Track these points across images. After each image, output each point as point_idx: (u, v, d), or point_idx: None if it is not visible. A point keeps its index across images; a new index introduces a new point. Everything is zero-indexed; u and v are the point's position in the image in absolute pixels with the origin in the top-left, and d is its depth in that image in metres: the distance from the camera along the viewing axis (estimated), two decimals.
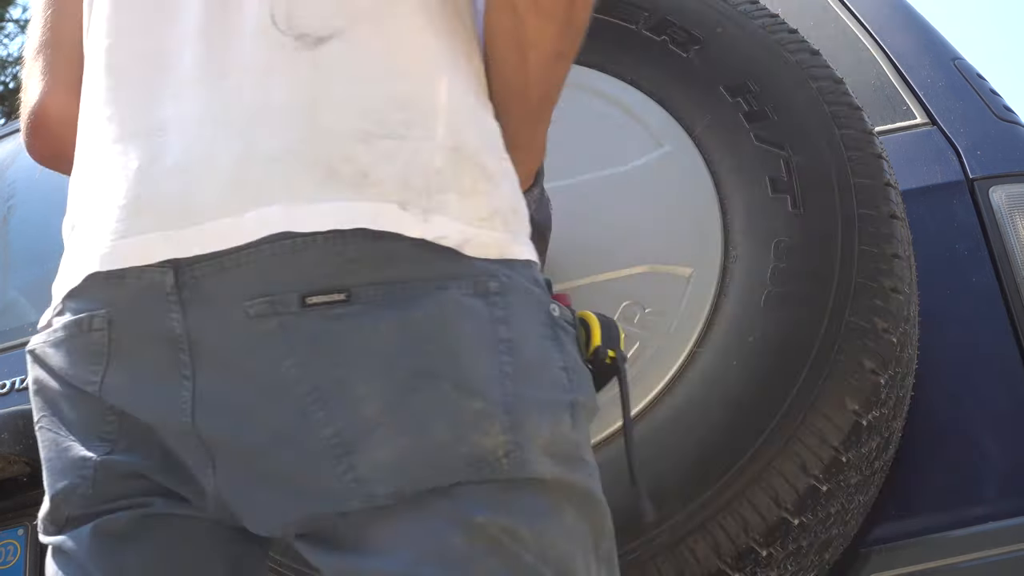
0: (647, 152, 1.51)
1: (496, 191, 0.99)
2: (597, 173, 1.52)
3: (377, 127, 0.95)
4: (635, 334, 1.40)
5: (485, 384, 0.92)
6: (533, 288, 0.98)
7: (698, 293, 1.40)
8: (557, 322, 0.98)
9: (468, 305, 0.93)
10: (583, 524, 0.95)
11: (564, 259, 1.47)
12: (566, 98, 1.55)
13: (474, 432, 0.91)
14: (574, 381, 0.97)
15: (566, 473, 0.94)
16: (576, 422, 0.96)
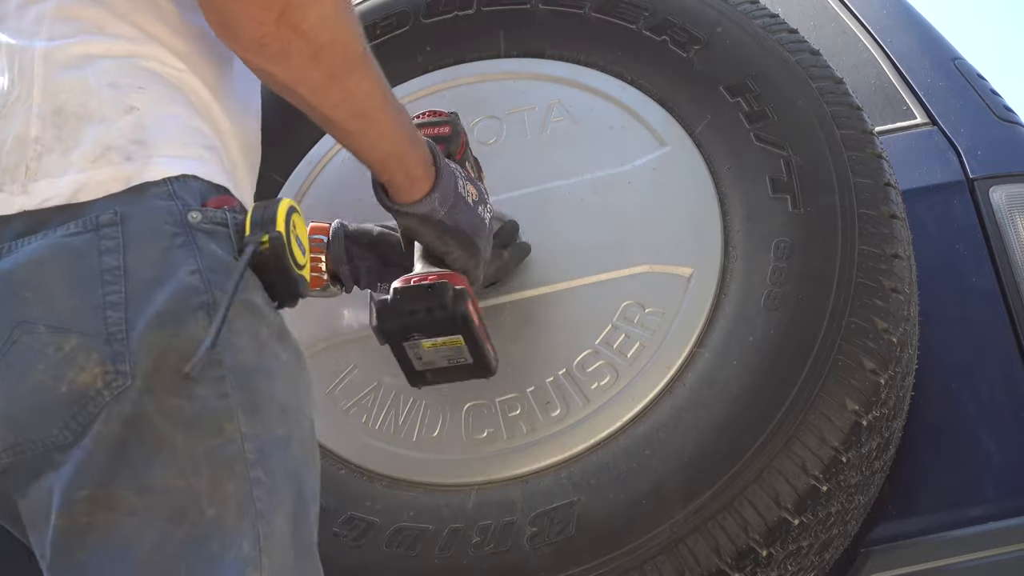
0: (647, 152, 1.50)
1: (107, 128, 0.98)
2: (597, 173, 1.52)
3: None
4: (636, 334, 1.40)
5: (82, 319, 0.92)
6: (164, 203, 0.97)
7: (698, 293, 1.40)
8: (196, 227, 0.97)
9: (70, 244, 0.94)
10: (198, 445, 0.93)
11: (564, 259, 1.47)
12: (567, 98, 1.56)
13: (70, 369, 0.92)
14: (210, 281, 0.96)
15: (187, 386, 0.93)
16: (214, 320, 0.94)
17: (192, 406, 0.94)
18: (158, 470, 0.92)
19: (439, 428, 1.43)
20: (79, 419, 0.92)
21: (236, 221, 1.02)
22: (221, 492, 0.94)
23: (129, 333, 0.92)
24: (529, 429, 1.39)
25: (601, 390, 1.38)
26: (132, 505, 0.92)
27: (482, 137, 1.58)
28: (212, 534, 0.93)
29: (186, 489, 0.93)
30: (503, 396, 1.42)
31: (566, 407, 1.39)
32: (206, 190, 1.02)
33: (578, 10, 1.60)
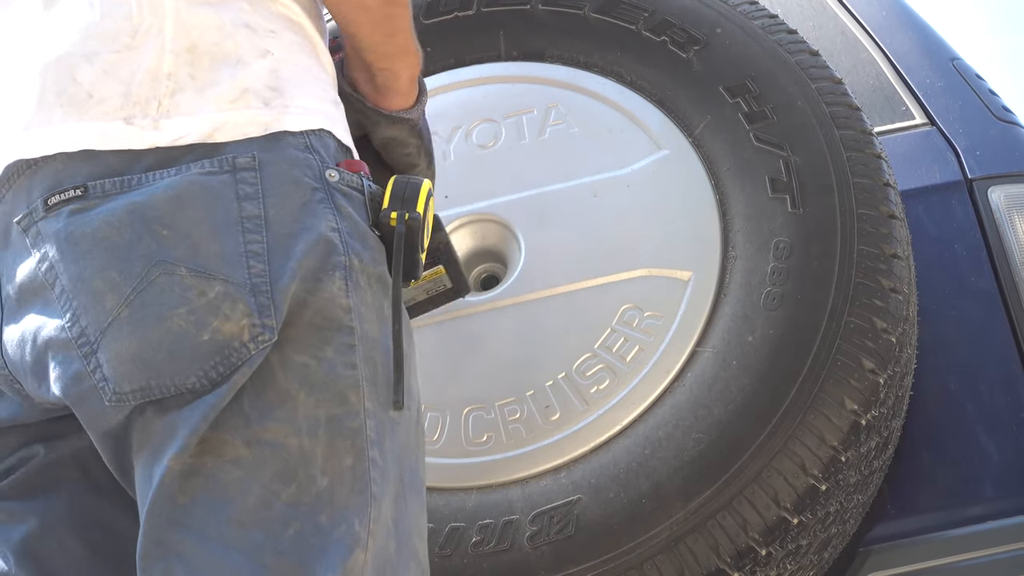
0: (646, 156, 1.51)
1: (245, 71, 0.98)
2: (596, 176, 1.52)
3: (102, 43, 0.96)
4: (635, 338, 1.40)
5: (226, 265, 0.91)
6: (302, 155, 0.97)
7: (697, 297, 1.40)
8: (334, 187, 0.97)
9: (209, 184, 0.93)
10: (320, 410, 0.92)
11: (563, 262, 1.47)
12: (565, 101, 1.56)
13: (214, 317, 0.90)
14: (348, 244, 0.95)
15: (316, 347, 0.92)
16: (351, 285, 0.94)
17: (320, 368, 0.92)
18: (272, 424, 0.91)
19: (439, 431, 1.42)
20: (219, 369, 0.90)
21: (371, 189, 1.01)
22: (338, 464, 0.92)
23: (273, 285, 0.91)
24: (528, 433, 1.39)
25: (600, 394, 1.38)
26: (239, 455, 0.90)
27: (480, 140, 1.58)
28: (322, 504, 0.91)
29: (299, 449, 0.91)
30: (502, 400, 1.42)
31: (565, 411, 1.39)
32: (338, 149, 1.02)
33: (578, 11, 1.60)
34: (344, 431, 0.92)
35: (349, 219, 0.96)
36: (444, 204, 1.54)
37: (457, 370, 1.46)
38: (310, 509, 0.90)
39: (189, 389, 0.90)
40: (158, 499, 0.90)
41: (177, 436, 0.90)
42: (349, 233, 0.96)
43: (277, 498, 0.90)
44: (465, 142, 1.59)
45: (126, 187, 0.92)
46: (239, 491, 0.90)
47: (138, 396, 0.91)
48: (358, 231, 0.97)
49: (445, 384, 1.44)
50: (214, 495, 0.90)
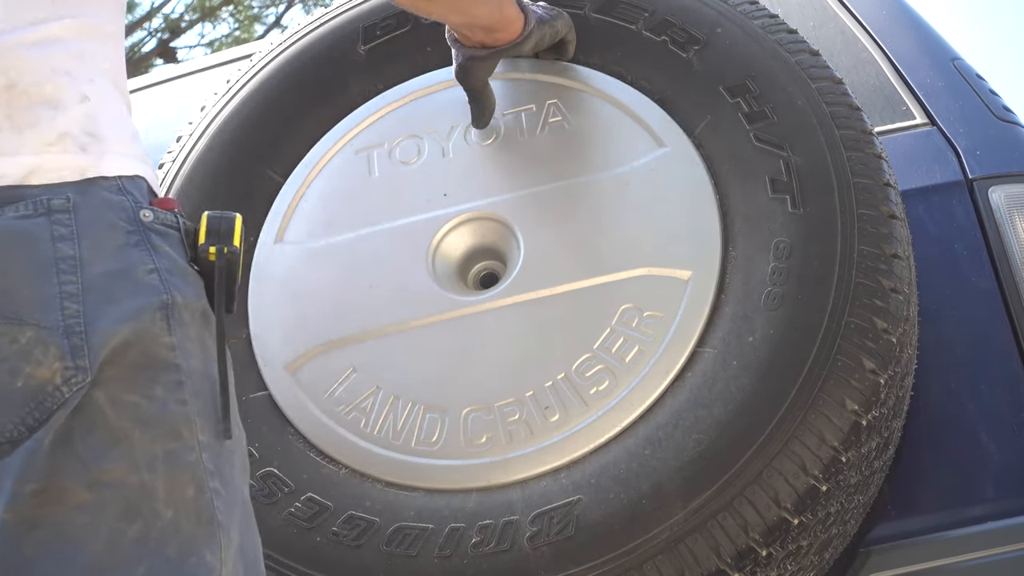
0: (645, 153, 1.50)
1: (63, 116, 0.97)
2: (595, 175, 1.51)
3: None
4: (634, 338, 1.40)
5: (38, 309, 0.90)
6: (116, 197, 0.97)
7: (697, 296, 1.39)
8: (148, 226, 0.97)
9: (23, 228, 0.92)
10: (156, 446, 0.92)
11: (562, 262, 1.47)
12: (564, 99, 1.56)
13: (27, 364, 0.89)
14: (169, 282, 0.96)
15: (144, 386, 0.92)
16: (173, 323, 0.94)
17: (151, 406, 0.93)
18: (110, 464, 0.90)
19: (438, 433, 1.42)
20: (35, 415, 0.89)
21: (186, 226, 1.02)
22: (180, 496, 0.92)
23: (88, 326, 0.91)
24: (528, 434, 1.39)
25: (600, 395, 1.38)
26: (82, 500, 0.89)
27: (480, 137, 1.58)
28: (168, 537, 0.91)
29: (139, 486, 0.91)
30: (501, 401, 1.41)
31: (565, 412, 1.38)
32: (150, 191, 1.02)
33: (578, 10, 1.60)
34: (182, 464, 0.93)
35: (167, 257, 0.97)
36: (443, 202, 1.54)
37: (455, 371, 1.45)
38: (157, 544, 0.90)
39: (8, 439, 0.89)
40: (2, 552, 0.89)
41: (5, 487, 0.89)
42: (168, 271, 0.97)
43: (123, 536, 0.90)
44: (464, 140, 1.58)
45: None
46: (87, 536, 0.89)
47: None
48: (177, 268, 0.98)
49: (443, 385, 1.44)
50: (62, 544, 0.89)
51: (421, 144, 1.59)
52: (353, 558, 1.37)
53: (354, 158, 1.61)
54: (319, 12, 1.75)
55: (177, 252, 0.99)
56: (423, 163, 1.58)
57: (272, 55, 1.72)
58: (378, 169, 1.59)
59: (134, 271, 0.95)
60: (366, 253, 1.53)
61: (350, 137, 1.63)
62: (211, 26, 12.34)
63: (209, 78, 2.45)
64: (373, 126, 1.63)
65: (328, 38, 1.69)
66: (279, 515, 1.41)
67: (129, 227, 0.96)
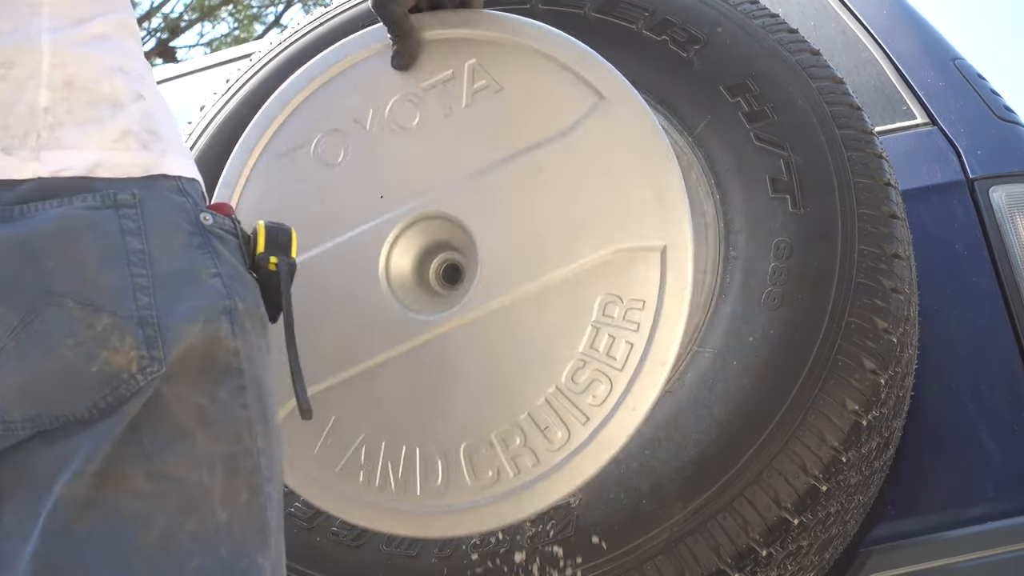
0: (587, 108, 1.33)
1: (123, 114, 0.99)
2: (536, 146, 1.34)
3: None
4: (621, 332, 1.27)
5: (113, 298, 0.92)
6: (177, 198, 0.98)
7: (677, 268, 1.26)
8: (210, 230, 0.99)
9: (93, 218, 0.93)
10: (216, 447, 0.94)
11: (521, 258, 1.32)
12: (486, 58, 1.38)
13: (103, 349, 0.91)
14: (231, 288, 0.97)
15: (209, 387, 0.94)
16: (236, 328, 0.96)
17: (214, 408, 0.94)
18: (172, 458, 0.92)
19: (440, 476, 1.31)
20: (109, 400, 0.91)
21: (244, 233, 1.04)
22: (236, 500, 0.94)
23: (160, 320, 0.92)
24: (535, 461, 1.27)
25: (598, 404, 1.26)
26: (140, 488, 0.91)
27: (401, 120, 1.40)
28: (222, 538, 0.93)
29: (198, 484, 0.93)
30: (498, 429, 1.29)
31: (566, 428, 1.27)
32: (203, 196, 1.04)
33: (578, 10, 1.60)
34: (240, 469, 0.95)
35: (227, 263, 0.99)
36: (380, 207, 1.39)
37: (439, 404, 1.33)
38: (211, 542, 0.92)
39: (78, 419, 0.91)
40: (53, 525, 0.90)
41: (70, 464, 0.91)
42: (230, 276, 0.98)
43: (180, 530, 0.91)
44: (385, 126, 1.41)
45: (7, 218, 0.93)
46: (142, 522, 0.91)
47: (28, 426, 0.91)
48: (238, 274, 1.00)
49: (431, 421, 1.32)
50: (114, 526, 0.90)
51: (344, 138, 1.42)
52: (353, 558, 1.37)
53: (277, 166, 1.45)
54: (319, 12, 1.75)
55: (236, 258, 1.01)
56: (350, 162, 1.41)
57: (272, 55, 1.72)
58: (305, 176, 1.43)
59: (198, 273, 0.96)
60: (313, 287, 1.37)
61: (267, 139, 1.46)
62: (210, 26, 12.35)
63: (208, 78, 2.45)
64: (289, 122, 1.45)
65: (328, 38, 1.69)
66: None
67: (191, 228, 0.98)
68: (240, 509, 0.94)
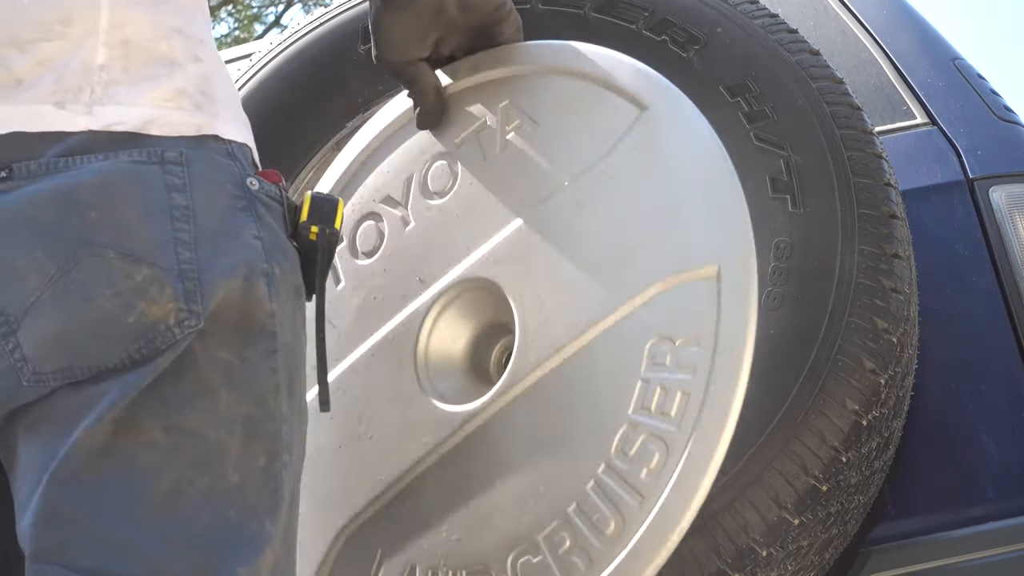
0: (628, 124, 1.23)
1: (179, 73, 0.99)
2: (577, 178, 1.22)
3: (32, 31, 0.96)
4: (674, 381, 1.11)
5: (154, 250, 0.92)
6: (225, 161, 0.99)
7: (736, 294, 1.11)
8: (255, 195, 0.99)
9: (138, 172, 0.94)
10: (239, 408, 0.93)
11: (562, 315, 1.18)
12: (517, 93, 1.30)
13: (141, 300, 0.91)
14: (271, 253, 0.97)
15: (240, 346, 0.93)
16: (273, 292, 0.96)
17: (243, 368, 0.94)
18: (192, 413, 0.91)
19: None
20: (144, 351, 0.91)
21: (289, 200, 1.04)
22: (251, 463, 0.93)
23: (200, 274, 0.92)
24: (587, 562, 1.10)
25: (654, 475, 1.09)
26: (155, 439, 0.90)
27: (436, 186, 1.32)
28: (232, 499, 0.92)
29: (215, 442, 0.92)
30: (545, 530, 1.14)
31: (620, 515, 1.10)
32: (254, 163, 1.04)
33: (578, 10, 1.60)
34: (260, 432, 0.94)
35: (269, 228, 0.99)
36: (418, 289, 1.27)
37: (483, 509, 1.18)
38: (220, 503, 0.91)
39: (110, 368, 0.90)
40: (62, 470, 0.90)
41: (93, 410, 0.90)
42: (271, 242, 0.98)
43: (191, 486, 0.90)
44: (421, 195, 1.32)
45: (52, 169, 0.92)
46: (153, 474, 0.90)
47: (59, 377, 0.91)
48: (278, 241, 1.00)
49: (477, 534, 1.17)
50: (125, 475, 0.90)
51: (380, 224, 1.34)
52: None
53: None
54: (319, 12, 1.75)
55: (279, 225, 1.01)
56: (387, 248, 1.31)
57: (272, 55, 1.72)
58: (343, 276, 1.35)
59: (241, 234, 0.96)
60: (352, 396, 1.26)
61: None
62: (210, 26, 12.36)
63: None
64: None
65: (328, 38, 1.69)
66: None
67: (236, 192, 0.98)
68: (255, 473, 0.93)
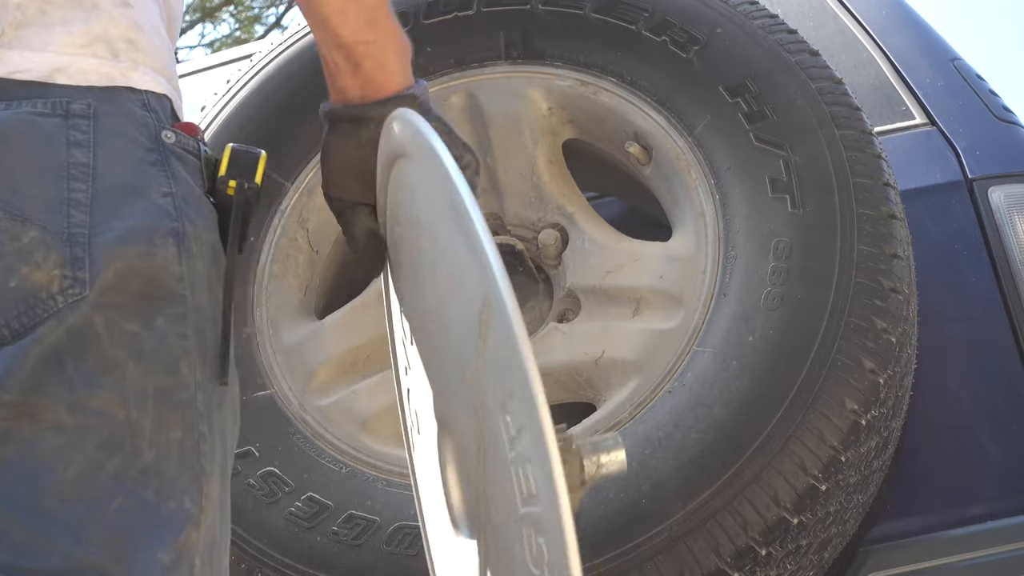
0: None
1: (101, 18, 0.94)
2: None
3: None
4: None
5: (44, 211, 0.86)
6: (140, 112, 0.93)
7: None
8: (170, 148, 0.93)
9: (39, 124, 0.88)
10: (149, 380, 0.88)
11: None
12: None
13: (24, 264, 0.85)
14: (183, 210, 0.91)
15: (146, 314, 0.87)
16: (183, 252, 0.90)
17: (150, 337, 0.88)
18: (98, 391, 0.86)
19: None
20: (23, 320, 0.85)
21: (207, 154, 0.98)
22: (166, 437, 0.88)
23: (92, 239, 0.86)
24: None
25: None
26: (61, 421, 0.85)
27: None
28: (148, 478, 0.87)
29: (125, 420, 0.86)
30: None
31: None
32: (173, 115, 0.98)
33: (578, 11, 1.60)
34: (173, 403, 0.89)
35: (184, 183, 0.93)
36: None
37: None
38: (135, 483, 0.86)
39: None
40: None
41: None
42: (183, 198, 0.92)
43: (100, 469, 0.86)
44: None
45: None
46: (60, 460, 0.85)
47: None
48: (193, 196, 0.94)
49: None
50: (30, 462, 0.85)
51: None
52: (353, 557, 1.37)
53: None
54: None
55: (195, 180, 0.95)
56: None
57: (272, 55, 1.72)
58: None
59: (148, 191, 0.90)
60: None
61: None
62: (211, 26, 12.35)
63: (209, 78, 2.45)
64: None
65: None
66: (280, 515, 1.41)
67: (149, 144, 0.93)
68: (171, 448, 0.88)
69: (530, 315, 1.59)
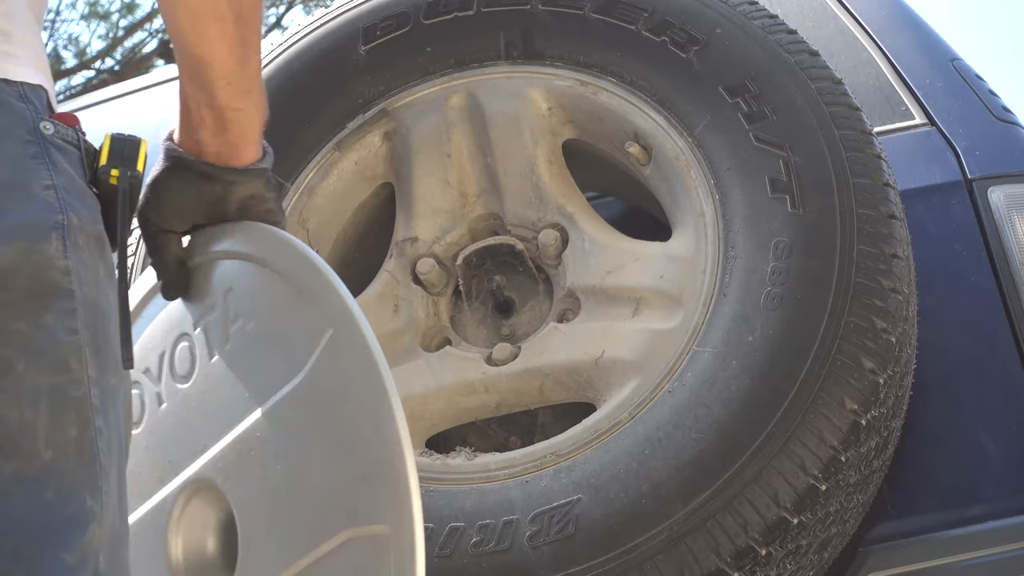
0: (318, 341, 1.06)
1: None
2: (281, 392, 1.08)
3: None
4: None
5: None
6: (17, 104, 0.91)
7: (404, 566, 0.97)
8: (49, 140, 0.92)
9: None
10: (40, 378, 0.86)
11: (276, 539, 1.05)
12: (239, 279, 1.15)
13: None
14: (65, 201, 0.90)
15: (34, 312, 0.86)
16: (69, 245, 0.89)
17: (39, 335, 0.87)
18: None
19: None
20: None
21: (87, 145, 0.98)
22: (62, 436, 0.86)
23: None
24: None
25: None
26: None
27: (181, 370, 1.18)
28: (48, 479, 0.85)
29: (19, 421, 0.85)
30: None
31: None
32: (48, 106, 0.97)
33: (578, 11, 1.60)
34: (67, 400, 0.87)
35: (65, 175, 0.92)
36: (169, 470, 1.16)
37: None
38: (34, 484, 0.85)
39: None
40: None
41: None
42: (66, 190, 0.91)
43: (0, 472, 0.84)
44: (170, 376, 1.20)
45: None
46: None
47: None
48: (75, 187, 0.93)
49: None
50: None
51: (141, 393, 1.21)
52: None
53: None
54: (319, 13, 1.75)
55: (76, 171, 0.94)
56: (148, 422, 1.20)
57: (272, 56, 1.72)
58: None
59: (29, 184, 0.89)
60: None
61: None
62: None
63: None
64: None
65: (328, 39, 1.69)
66: None
67: (28, 137, 0.90)
68: (68, 446, 0.86)
69: (530, 315, 1.60)
